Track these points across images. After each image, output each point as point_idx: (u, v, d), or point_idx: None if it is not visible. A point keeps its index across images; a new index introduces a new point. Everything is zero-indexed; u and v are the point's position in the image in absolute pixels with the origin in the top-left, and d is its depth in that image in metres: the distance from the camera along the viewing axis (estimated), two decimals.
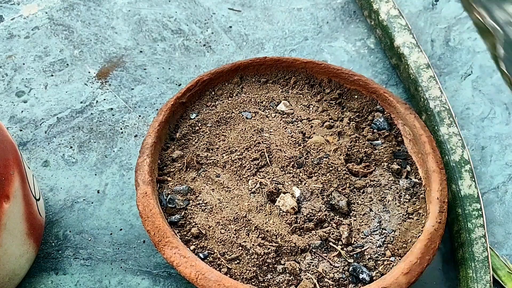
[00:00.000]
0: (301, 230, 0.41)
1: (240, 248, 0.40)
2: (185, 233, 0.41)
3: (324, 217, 0.41)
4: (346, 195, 0.43)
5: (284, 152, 0.45)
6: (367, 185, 0.45)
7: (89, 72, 0.59)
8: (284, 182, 0.43)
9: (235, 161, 0.45)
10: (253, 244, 0.40)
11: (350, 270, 0.39)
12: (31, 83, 0.57)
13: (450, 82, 0.59)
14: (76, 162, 0.52)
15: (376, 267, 0.40)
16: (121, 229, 0.47)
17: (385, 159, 0.46)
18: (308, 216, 0.41)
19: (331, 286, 0.38)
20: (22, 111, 0.55)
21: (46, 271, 0.45)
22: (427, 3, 0.67)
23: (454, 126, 0.50)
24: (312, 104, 0.51)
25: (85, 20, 0.63)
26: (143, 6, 0.65)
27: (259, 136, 0.46)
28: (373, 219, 0.42)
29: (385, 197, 0.44)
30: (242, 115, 0.49)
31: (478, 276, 0.42)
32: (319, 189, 0.43)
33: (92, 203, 0.49)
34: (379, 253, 0.40)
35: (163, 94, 0.57)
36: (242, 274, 0.38)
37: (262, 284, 0.38)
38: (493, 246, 0.46)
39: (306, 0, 0.67)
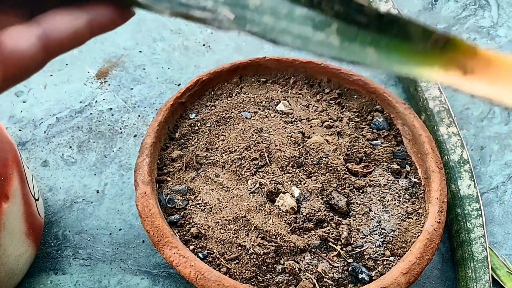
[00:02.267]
0: (300, 230, 0.41)
1: (240, 248, 0.40)
2: (184, 233, 0.41)
3: (324, 217, 0.41)
4: (346, 195, 0.43)
5: (284, 152, 0.45)
6: (367, 185, 0.45)
7: (88, 72, 0.59)
8: (283, 182, 0.43)
9: (234, 161, 0.45)
10: (252, 244, 0.39)
11: (349, 270, 0.39)
12: (30, 83, 0.57)
13: None
14: (76, 162, 0.51)
15: (376, 267, 0.40)
16: (120, 229, 0.47)
17: (384, 159, 0.46)
18: (307, 216, 0.41)
19: (330, 286, 0.38)
20: (21, 111, 0.55)
21: (46, 271, 0.45)
22: (427, 3, 0.67)
23: (454, 126, 0.50)
24: (311, 104, 0.51)
25: None
26: None
27: (259, 136, 0.46)
28: (373, 219, 0.42)
29: (385, 197, 0.44)
30: (242, 115, 0.49)
31: (477, 276, 0.42)
32: (318, 189, 0.43)
33: (92, 203, 0.49)
34: (378, 253, 0.40)
35: (162, 94, 0.57)
36: (242, 274, 0.38)
37: (262, 284, 0.38)
38: (492, 246, 0.47)
39: None
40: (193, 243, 0.40)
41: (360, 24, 0.25)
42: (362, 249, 0.40)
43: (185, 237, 0.41)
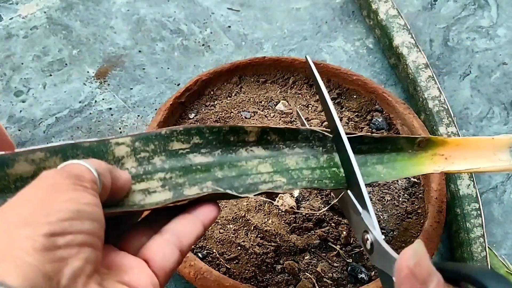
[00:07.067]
0: (300, 230, 0.41)
1: (239, 247, 0.40)
2: None
3: (323, 216, 0.41)
4: None
5: None
6: (366, 185, 0.45)
7: (87, 72, 0.59)
8: None
9: None
10: (252, 244, 0.40)
11: (348, 269, 0.39)
12: (30, 83, 0.57)
13: (448, 82, 0.59)
14: None
15: (375, 267, 0.40)
16: None
17: None
18: (307, 215, 0.41)
19: (330, 286, 0.38)
20: (20, 111, 0.55)
21: None
22: (426, 3, 0.67)
23: (453, 126, 0.50)
24: (311, 104, 0.51)
25: (84, 19, 0.63)
26: (142, 6, 0.65)
27: None
28: None
29: (384, 197, 0.44)
30: (241, 115, 0.49)
31: None
32: (318, 188, 0.43)
33: None
34: None
35: (162, 94, 0.57)
36: (241, 273, 0.38)
37: (261, 284, 0.38)
38: (491, 245, 0.47)
39: (305, 0, 0.67)
40: None
41: (364, 152, 0.33)
42: (361, 249, 0.40)
43: None
